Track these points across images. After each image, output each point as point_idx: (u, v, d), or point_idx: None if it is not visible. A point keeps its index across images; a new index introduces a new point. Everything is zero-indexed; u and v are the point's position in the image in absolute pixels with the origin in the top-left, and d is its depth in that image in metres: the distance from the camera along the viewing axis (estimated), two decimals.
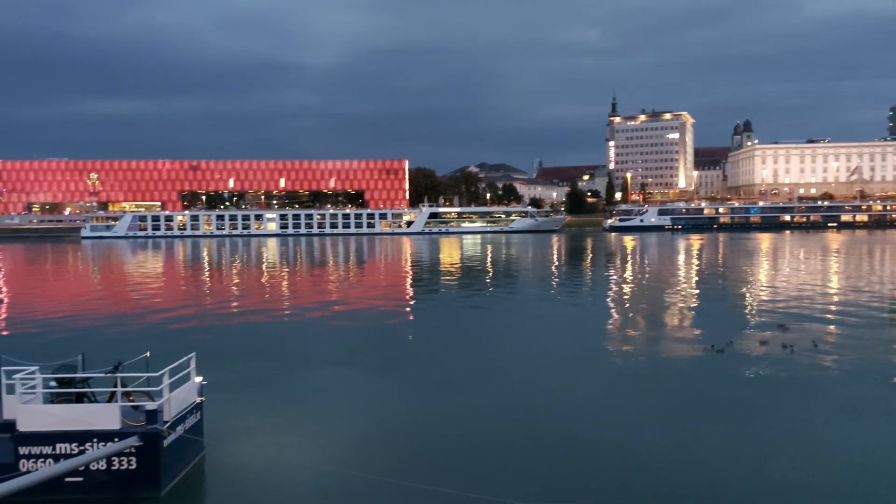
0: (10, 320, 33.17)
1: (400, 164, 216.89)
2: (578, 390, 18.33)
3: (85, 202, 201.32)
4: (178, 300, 40.40)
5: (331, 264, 69.08)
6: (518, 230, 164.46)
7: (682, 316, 31.46)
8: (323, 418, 16.22)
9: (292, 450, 13.99)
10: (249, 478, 12.72)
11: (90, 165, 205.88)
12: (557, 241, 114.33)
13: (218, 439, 14.08)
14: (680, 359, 21.84)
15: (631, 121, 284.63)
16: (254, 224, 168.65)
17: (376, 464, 13.06)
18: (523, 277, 53.23)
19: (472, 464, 13.21)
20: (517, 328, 28.96)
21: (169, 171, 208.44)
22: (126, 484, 11.86)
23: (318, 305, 36.55)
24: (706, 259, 69.90)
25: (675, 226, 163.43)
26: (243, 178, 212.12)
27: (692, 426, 15.15)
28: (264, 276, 56.31)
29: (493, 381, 19.30)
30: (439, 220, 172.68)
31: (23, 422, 11.96)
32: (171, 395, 12.57)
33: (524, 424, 15.45)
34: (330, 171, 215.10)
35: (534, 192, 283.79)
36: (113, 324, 30.74)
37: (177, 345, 21.13)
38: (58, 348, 20.97)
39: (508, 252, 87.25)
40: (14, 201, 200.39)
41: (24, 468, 11.69)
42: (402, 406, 17.10)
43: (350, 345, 25.20)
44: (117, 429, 11.92)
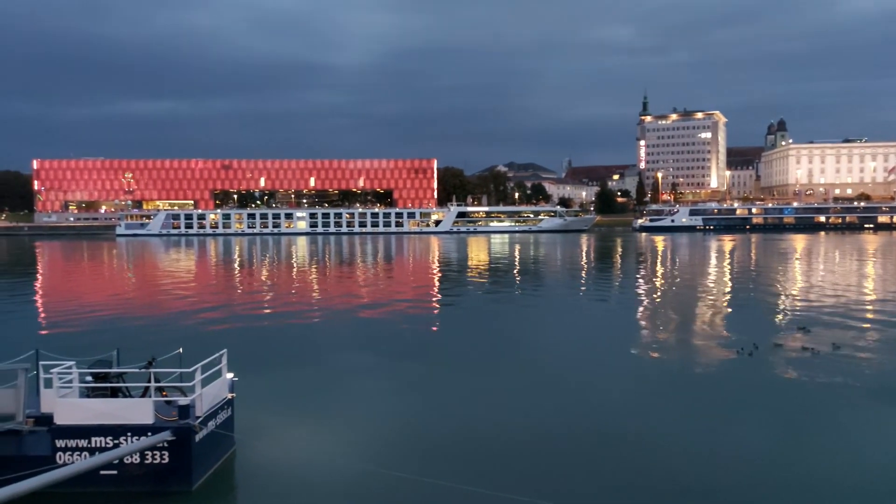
0: (48, 316, 33.97)
1: (428, 163, 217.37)
2: (606, 391, 18.20)
3: (120, 200, 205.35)
4: (209, 297, 41.00)
5: (359, 263, 69.50)
6: (547, 230, 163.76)
7: (712, 318, 31.05)
8: (352, 415, 16.33)
9: (321, 446, 14.11)
10: (279, 473, 12.87)
11: (125, 164, 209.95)
12: (586, 241, 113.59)
13: (248, 435, 14.26)
14: (709, 361, 21.57)
15: (662, 120, 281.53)
16: (284, 223, 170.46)
17: (404, 461, 13.12)
18: (552, 277, 53.00)
19: (500, 463, 13.20)
20: (545, 328, 28.85)
21: (202, 171, 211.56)
22: (159, 478, 12.07)
23: (347, 303, 36.81)
24: (738, 260, 68.88)
25: (707, 226, 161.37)
26: (274, 177, 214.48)
27: (724, 430, 14.94)
28: (294, 274, 56.86)
29: (521, 381, 19.25)
30: (467, 219, 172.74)
31: (60, 415, 12.22)
32: (203, 390, 12.74)
33: (553, 425, 15.39)
34: (359, 171, 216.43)
35: (563, 192, 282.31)
36: (147, 320, 31.30)
37: (208, 341, 21.45)
38: (93, 344, 21.41)
39: (537, 252, 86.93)
40: (52, 199, 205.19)
41: (61, 461, 11.95)
42: (430, 404, 17.15)
43: (378, 342, 25.33)
44: (151, 423, 12.12)
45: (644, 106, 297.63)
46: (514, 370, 20.67)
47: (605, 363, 21.53)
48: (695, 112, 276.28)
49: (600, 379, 19.50)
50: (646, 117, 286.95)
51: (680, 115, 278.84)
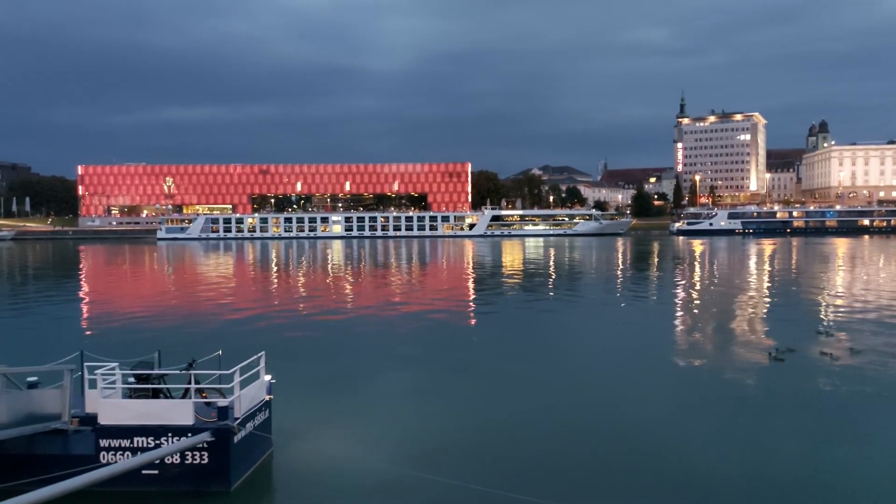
0: (92, 318, 34.84)
1: (463, 166, 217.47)
2: (639, 397, 17.95)
3: (161, 205, 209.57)
4: (248, 300, 41.59)
5: (394, 266, 69.84)
6: (582, 233, 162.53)
7: (750, 323, 30.45)
8: (387, 417, 16.41)
9: (357, 448, 14.20)
10: (316, 475, 12.99)
11: (166, 170, 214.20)
12: (622, 245, 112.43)
13: (285, 436, 14.43)
14: (743, 367, 21.14)
15: (700, 122, 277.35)
16: (320, 226, 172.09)
17: (439, 465, 13.14)
18: (587, 281, 52.58)
19: (534, 469, 13.14)
20: (580, 333, 28.64)
21: (240, 175, 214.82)
22: (198, 478, 12.27)
23: (383, 306, 37.00)
24: (778, 264, 67.47)
25: (746, 230, 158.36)
26: (310, 181, 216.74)
27: (758, 440, 14.64)
28: (330, 277, 57.37)
29: (555, 386, 19.15)
30: (501, 222, 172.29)
31: (103, 415, 12.51)
32: (242, 392, 12.92)
33: (586, 430, 15.28)
34: (394, 175, 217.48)
35: (598, 195, 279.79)
36: (187, 322, 31.89)
37: (247, 344, 21.76)
38: (136, 345, 21.89)
39: (572, 255, 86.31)
40: (96, 204, 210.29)
41: (105, 460, 12.23)
42: (466, 408, 17.14)
43: (414, 345, 25.42)
44: (191, 424, 12.33)
45: (681, 108, 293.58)
46: (548, 375, 20.56)
47: (639, 367, 21.28)
48: (733, 114, 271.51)
49: (633, 383, 19.27)
50: (683, 119, 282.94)
51: (718, 117, 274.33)
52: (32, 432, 12.42)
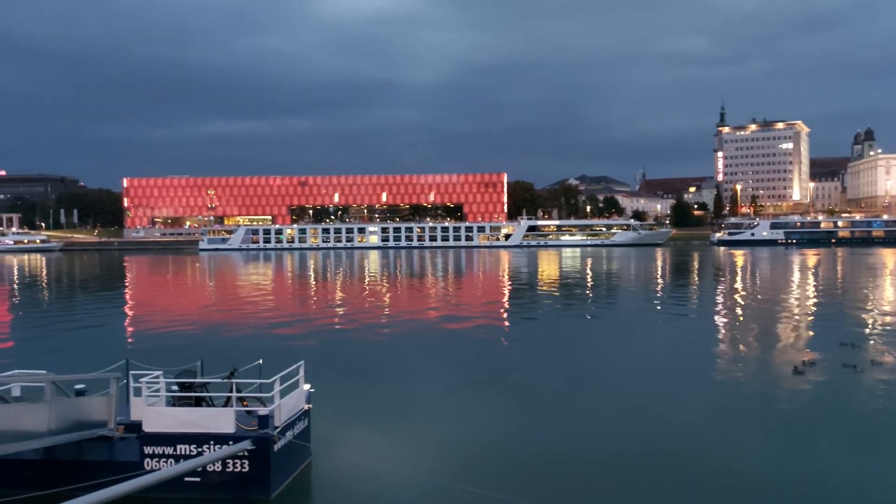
0: (137, 327, 35.63)
1: (499, 177, 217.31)
2: (678, 410, 17.65)
3: (203, 216, 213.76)
4: (287, 310, 42.07)
5: (430, 277, 69.98)
6: (620, 244, 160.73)
7: (791, 335, 29.71)
8: (426, 428, 16.43)
9: (395, 459, 14.24)
10: (354, 485, 13.05)
11: (208, 182, 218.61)
12: (662, 255, 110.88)
13: (324, 445, 14.54)
14: (785, 380, 20.61)
15: (741, 131, 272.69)
16: (357, 237, 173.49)
17: (477, 477, 13.10)
18: (626, 292, 51.96)
19: (572, 481, 13.03)
20: (619, 345, 28.28)
21: (279, 187, 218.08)
22: (239, 485, 12.41)
23: (419, 317, 37.09)
24: (823, 275, 65.79)
25: (789, 240, 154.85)
26: (348, 192, 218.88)
27: (802, 454, 14.28)
28: (367, 287, 57.74)
29: (593, 398, 18.95)
30: (538, 233, 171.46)
31: (148, 423, 12.75)
32: (282, 401, 13.06)
33: (625, 444, 15.07)
34: (430, 185, 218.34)
35: (637, 205, 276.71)
36: (228, 331, 32.40)
37: (286, 353, 22.00)
38: (179, 354, 22.29)
39: (610, 266, 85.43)
40: (140, 216, 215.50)
41: (149, 466, 12.46)
42: (503, 420, 17.08)
43: (450, 356, 25.42)
44: (232, 432, 12.50)
45: (721, 117, 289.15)
46: (586, 387, 20.36)
47: (677, 381, 20.92)
48: (775, 122, 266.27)
49: (671, 397, 18.95)
50: (723, 128, 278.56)
51: (759, 126, 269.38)
52: (80, 439, 12.72)
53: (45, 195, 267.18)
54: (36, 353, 26.50)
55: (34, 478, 12.57)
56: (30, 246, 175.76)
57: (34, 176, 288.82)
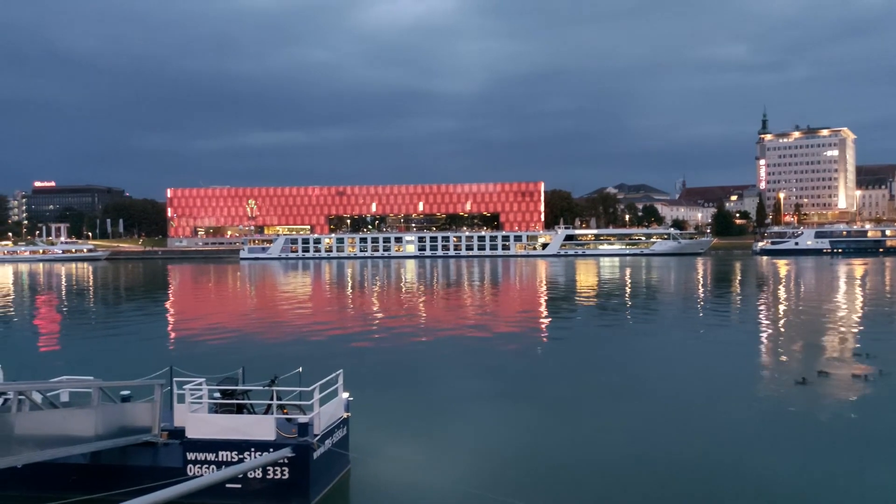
0: (180, 335, 36.31)
1: (535, 186, 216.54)
2: (716, 423, 17.25)
3: (244, 226, 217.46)
4: (325, 318, 42.43)
5: (467, 286, 69.93)
6: (659, 253, 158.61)
7: (838, 348, 28.84)
8: (463, 438, 16.37)
9: (434, 468, 14.22)
10: (392, 494, 13.06)
11: (248, 192, 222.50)
12: (703, 265, 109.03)
13: (362, 454, 14.58)
14: (836, 395, 20.03)
15: (784, 138, 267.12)
16: (394, 246, 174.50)
17: (517, 488, 13.00)
18: (666, 302, 51.18)
19: (611, 495, 12.83)
20: (658, 356, 27.83)
21: (318, 197, 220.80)
22: (279, 493, 12.48)
23: (456, 326, 37.04)
24: (871, 286, 63.87)
25: (835, 249, 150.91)
26: (385, 202, 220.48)
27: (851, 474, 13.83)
28: (404, 296, 57.95)
29: (632, 410, 18.65)
30: (576, 242, 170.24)
31: (191, 429, 12.95)
32: (321, 409, 13.14)
33: (665, 457, 14.79)
34: (466, 195, 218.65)
35: (676, 214, 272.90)
36: (268, 339, 32.81)
37: (325, 361, 22.16)
38: (221, 361, 22.62)
39: (649, 275, 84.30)
40: (183, 225, 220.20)
41: (191, 472, 12.65)
42: (540, 430, 16.94)
43: (488, 366, 25.31)
44: (272, 440, 12.63)
45: (763, 124, 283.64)
46: (624, 398, 20.06)
47: (717, 392, 20.47)
48: (819, 129, 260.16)
49: (710, 409, 18.55)
50: (765, 135, 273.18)
51: (803, 133, 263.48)
52: (125, 444, 12.97)
53: (92, 206, 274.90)
54: (83, 359, 27.17)
55: (81, 482, 12.84)
56: (77, 255, 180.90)
57: (82, 187, 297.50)
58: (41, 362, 26.74)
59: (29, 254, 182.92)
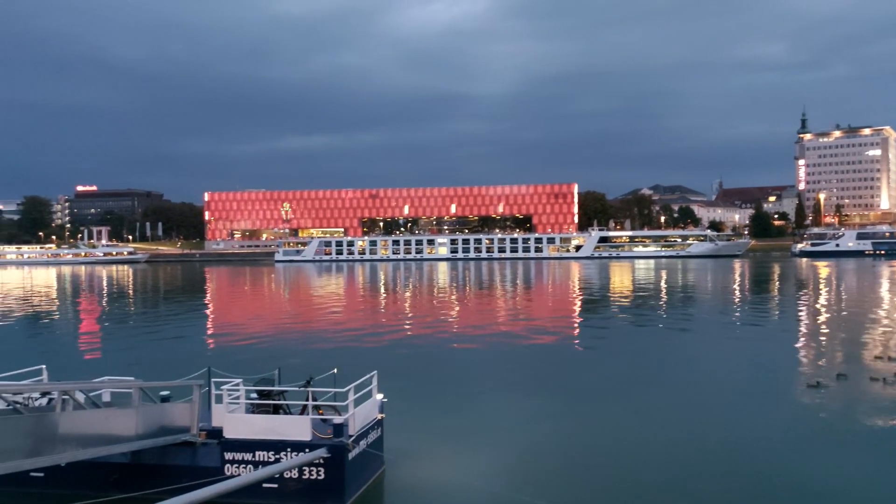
0: (218, 336, 36.86)
1: (569, 187, 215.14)
2: (755, 427, 16.91)
3: (279, 229, 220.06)
4: (359, 320, 42.69)
5: (499, 288, 69.74)
6: (696, 255, 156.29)
7: (879, 352, 28.04)
8: (497, 441, 16.32)
9: (468, 471, 14.19)
10: (427, 495, 13.07)
11: (283, 195, 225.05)
12: (740, 267, 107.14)
13: (397, 455, 14.62)
14: (876, 403, 19.48)
15: (824, 137, 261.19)
16: (426, 248, 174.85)
17: (551, 491, 12.92)
18: (702, 305, 50.39)
19: (648, 499, 12.66)
20: (694, 360, 27.41)
21: (351, 200, 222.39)
22: (314, 493, 12.57)
23: (489, 328, 36.97)
24: None
25: (877, 251, 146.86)
26: (417, 204, 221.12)
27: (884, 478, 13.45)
28: (437, 299, 58.02)
29: (667, 414, 18.40)
30: (610, 244, 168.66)
31: (228, 429, 13.11)
32: (356, 410, 13.21)
33: (701, 463, 14.58)
34: (498, 197, 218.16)
35: (713, 215, 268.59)
36: (304, 341, 33.12)
37: (359, 362, 22.28)
38: (257, 363, 22.91)
39: (685, 278, 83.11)
40: (220, 228, 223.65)
41: (228, 472, 12.81)
42: (576, 433, 16.82)
43: (523, 368, 25.22)
44: (308, 440, 12.73)
45: (802, 123, 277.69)
46: (660, 402, 19.79)
47: (754, 397, 20.05)
48: (861, 128, 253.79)
49: (748, 412, 18.19)
50: (805, 135, 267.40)
51: (844, 132, 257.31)
52: (164, 444, 13.20)
53: (132, 209, 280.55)
54: (124, 360, 27.74)
55: (122, 480, 13.10)
56: (118, 258, 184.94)
57: (122, 191, 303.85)
58: (83, 363, 27.40)
59: (71, 256, 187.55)
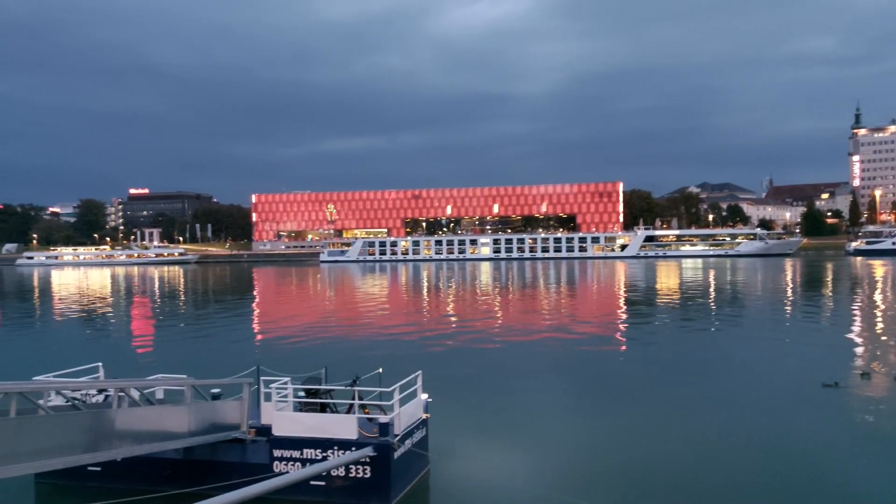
0: (266, 335, 37.51)
1: (614, 186, 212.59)
2: (803, 431, 16.46)
3: (323, 230, 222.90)
4: (403, 320, 42.92)
5: (543, 288, 69.30)
6: (745, 254, 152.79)
7: None
8: (542, 441, 16.24)
9: (513, 471, 14.16)
10: (472, 495, 13.07)
11: (328, 197, 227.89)
12: (792, 266, 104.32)
13: (442, 455, 14.66)
14: None
15: (879, 132, 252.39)
16: (469, 248, 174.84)
17: (598, 492, 12.81)
18: (751, 306, 49.22)
19: (693, 500, 12.44)
20: (743, 362, 26.73)
21: (394, 200, 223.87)
22: (360, 491, 12.70)
23: (533, 329, 36.78)
24: None
25: None
26: (460, 204, 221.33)
27: None
28: (480, 298, 57.95)
29: (714, 416, 18.01)
30: (656, 243, 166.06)
31: (277, 427, 13.33)
32: (401, 409, 13.30)
33: (746, 466, 14.22)
34: (542, 196, 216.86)
35: (763, 213, 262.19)
36: (349, 340, 33.48)
37: (404, 362, 22.42)
38: (304, 361, 23.23)
39: (735, 277, 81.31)
40: (267, 230, 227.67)
41: (277, 469, 13.04)
42: (620, 435, 16.62)
43: (566, 368, 25.03)
44: (354, 439, 12.86)
45: (856, 118, 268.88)
46: (706, 404, 19.40)
47: (810, 404, 19.48)
48: None
49: (802, 420, 17.67)
50: (859, 130, 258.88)
51: None
52: (215, 440, 13.50)
53: (182, 211, 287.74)
54: (176, 358, 28.45)
55: (174, 476, 13.43)
56: (169, 258, 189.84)
57: (173, 193, 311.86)
58: (138, 361, 28.19)
59: (125, 257, 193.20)
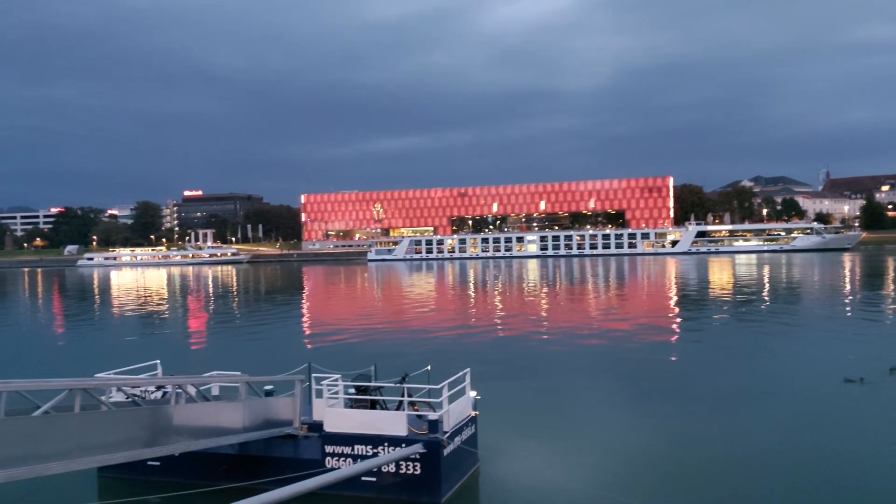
0: (316, 332, 38.09)
1: (663, 181, 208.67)
2: (859, 434, 15.89)
3: (371, 229, 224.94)
4: (450, 318, 43.03)
5: (592, 286, 68.58)
6: (801, 249, 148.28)
7: None
8: (592, 440, 16.10)
9: (563, 470, 14.08)
10: (522, 493, 13.04)
11: (375, 196, 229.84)
12: (851, 261, 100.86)
13: (491, 453, 14.66)
14: None
15: None
16: (515, 246, 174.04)
17: (647, 490, 12.66)
18: (808, 303, 47.78)
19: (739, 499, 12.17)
20: (799, 361, 25.99)
21: (440, 199, 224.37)
22: (411, 488, 12.82)
23: (581, 326, 36.45)
24: None
25: None
26: (506, 202, 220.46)
27: None
28: (528, 296, 57.69)
29: (767, 416, 17.54)
30: (708, 238, 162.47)
31: (329, 423, 13.55)
32: (450, 407, 13.36)
33: (800, 467, 13.85)
34: (589, 192, 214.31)
35: (820, 207, 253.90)
36: (397, 337, 33.77)
37: (452, 359, 22.49)
38: (354, 358, 23.51)
39: (791, 273, 79.04)
40: (316, 229, 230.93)
41: (328, 464, 13.25)
42: (671, 431, 16.38)
43: (616, 367, 24.74)
44: (404, 435, 12.98)
45: None
46: (760, 404, 18.90)
47: (862, 401, 18.80)
48: None
49: (860, 423, 17.07)
50: None
51: None
52: (269, 436, 13.79)
53: (234, 212, 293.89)
54: (230, 355, 29.14)
55: (229, 470, 13.76)
56: (222, 258, 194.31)
57: (225, 195, 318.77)
58: (193, 358, 28.96)
59: (180, 257, 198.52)
